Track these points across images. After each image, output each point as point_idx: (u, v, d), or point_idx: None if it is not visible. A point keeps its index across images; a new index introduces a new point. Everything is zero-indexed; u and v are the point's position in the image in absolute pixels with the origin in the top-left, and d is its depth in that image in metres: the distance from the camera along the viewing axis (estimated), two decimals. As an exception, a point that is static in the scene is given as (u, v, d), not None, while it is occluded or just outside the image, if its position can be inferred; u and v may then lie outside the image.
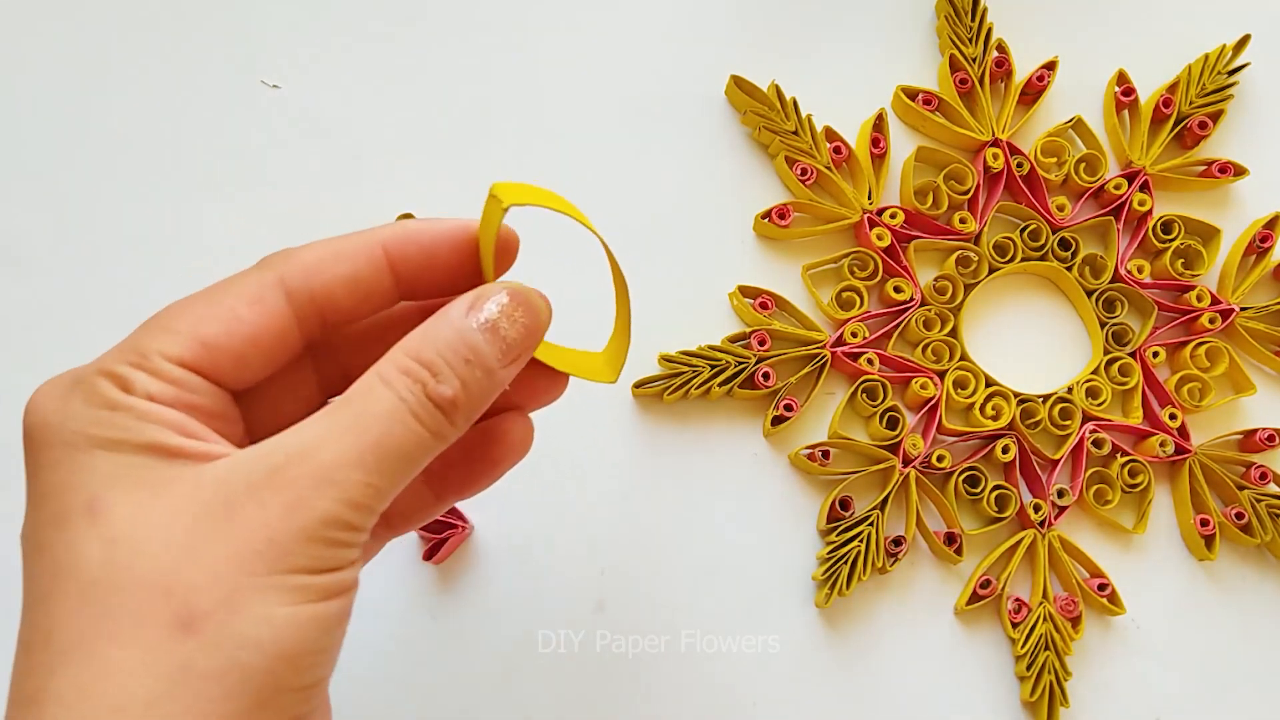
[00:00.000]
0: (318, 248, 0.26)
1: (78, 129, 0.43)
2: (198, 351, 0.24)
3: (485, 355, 0.25)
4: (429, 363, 0.24)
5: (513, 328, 0.26)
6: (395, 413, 0.23)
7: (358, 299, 0.26)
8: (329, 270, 0.25)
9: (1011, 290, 0.45)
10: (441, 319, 0.25)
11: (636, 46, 0.45)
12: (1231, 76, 0.46)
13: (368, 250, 0.26)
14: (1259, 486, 0.42)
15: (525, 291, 0.26)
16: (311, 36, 0.45)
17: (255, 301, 0.25)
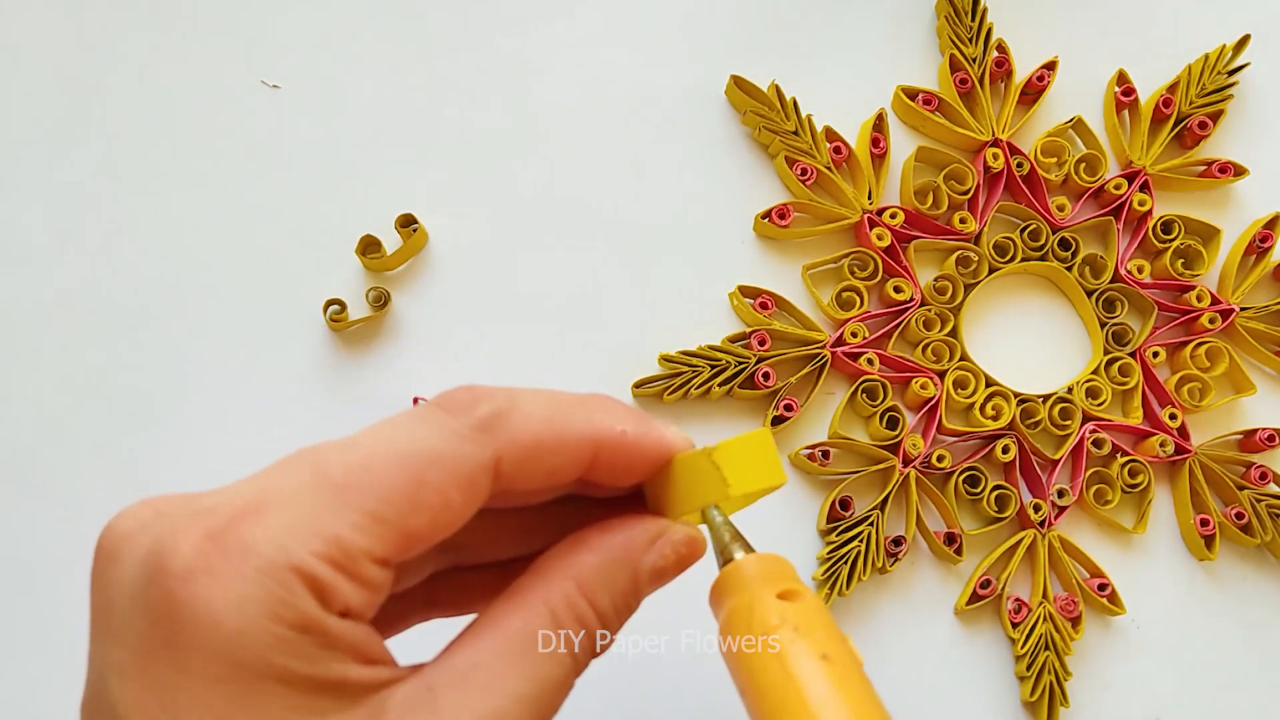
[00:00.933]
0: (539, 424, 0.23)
1: (78, 129, 0.43)
2: (401, 548, 0.21)
3: (642, 598, 0.24)
4: (604, 615, 0.23)
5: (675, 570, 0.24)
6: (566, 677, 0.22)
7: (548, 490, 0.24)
8: (544, 462, 0.23)
9: (1011, 290, 0.45)
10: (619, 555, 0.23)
11: (636, 46, 0.45)
12: (1231, 76, 0.46)
13: (582, 449, 0.23)
14: (1259, 486, 0.42)
15: (699, 542, 0.25)
16: (311, 36, 0.45)
17: (470, 488, 0.22)
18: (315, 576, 0.19)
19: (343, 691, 0.20)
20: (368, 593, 0.20)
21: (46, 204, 0.43)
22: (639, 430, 0.24)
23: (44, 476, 0.40)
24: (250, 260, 0.42)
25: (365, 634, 0.21)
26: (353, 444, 0.21)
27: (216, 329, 0.42)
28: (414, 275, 0.43)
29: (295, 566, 0.19)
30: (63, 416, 0.41)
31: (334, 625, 0.20)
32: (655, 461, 0.25)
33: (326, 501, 0.20)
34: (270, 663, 0.19)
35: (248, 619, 0.19)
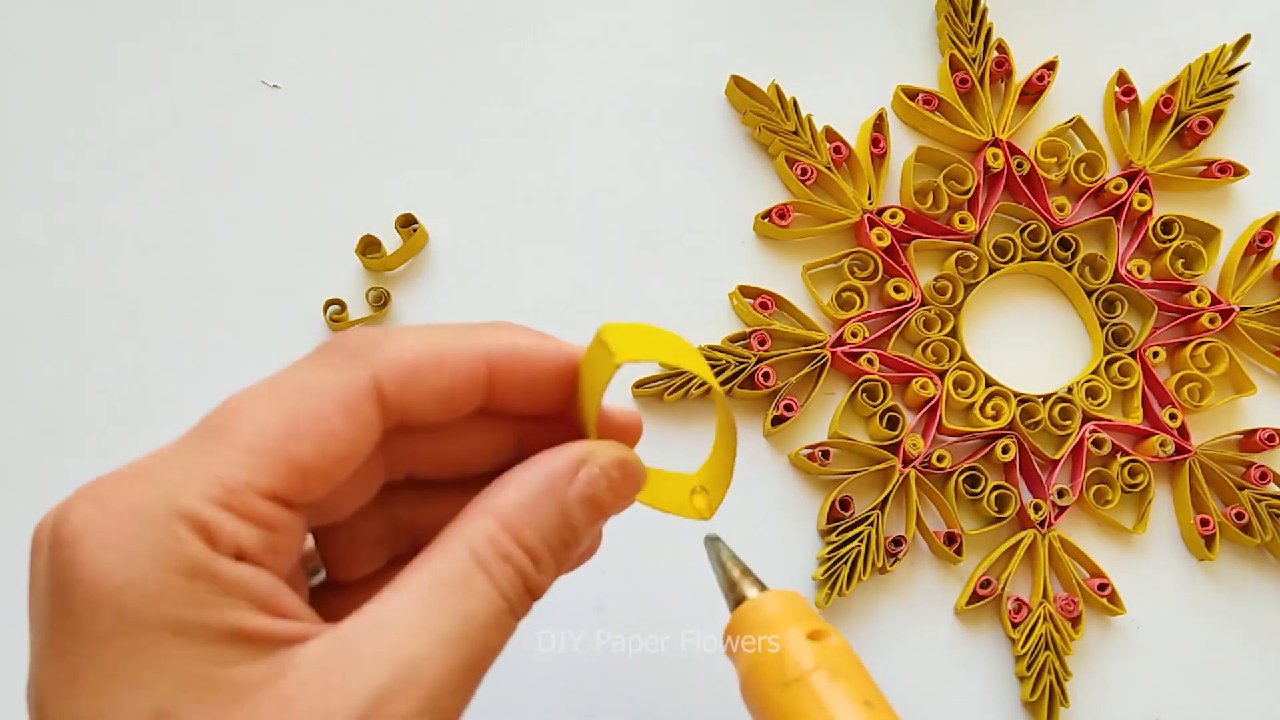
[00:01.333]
0: (415, 345, 0.22)
1: (78, 129, 0.43)
2: (290, 479, 0.20)
3: (580, 534, 0.23)
4: (532, 549, 0.22)
5: (614, 503, 0.23)
6: (498, 618, 0.21)
7: (446, 411, 0.23)
8: (429, 380, 0.22)
9: (1011, 290, 0.45)
10: (542, 487, 0.22)
11: (636, 46, 0.45)
12: (1231, 76, 0.46)
13: (471, 364, 0.23)
14: (1259, 486, 0.42)
15: (633, 462, 0.24)
16: (311, 36, 0.45)
17: (348, 411, 0.21)
18: (198, 517, 0.19)
19: (244, 642, 0.19)
20: (263, 531, 0.20)
21: (46, 204, 0.43)
22: (533, 342, 0.24)
23: (44, 476, 0.40)
24: (250, 260, 0.42)
25: (269, 582, 0.20)
26: (231, 396, 0.21)
27: (216, 329, 0.42)
28: (414, 275, 0.43)
29: (177, 511, 0.19)
30: (62, 416, 0.41)
31: (226, 568, 0.19)
32: (557, 370, 0.24)
33: (205, 446, 0.20)
34: (161, 613, 0.18)
35: (134, 571, 0.18)
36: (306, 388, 0.21)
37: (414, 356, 0.22)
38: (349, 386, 0.21)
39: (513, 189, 0.44)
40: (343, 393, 0.21)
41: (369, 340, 0.22)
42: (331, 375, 0.21)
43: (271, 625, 0.19)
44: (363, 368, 0.21)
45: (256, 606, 0.19)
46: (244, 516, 0.19)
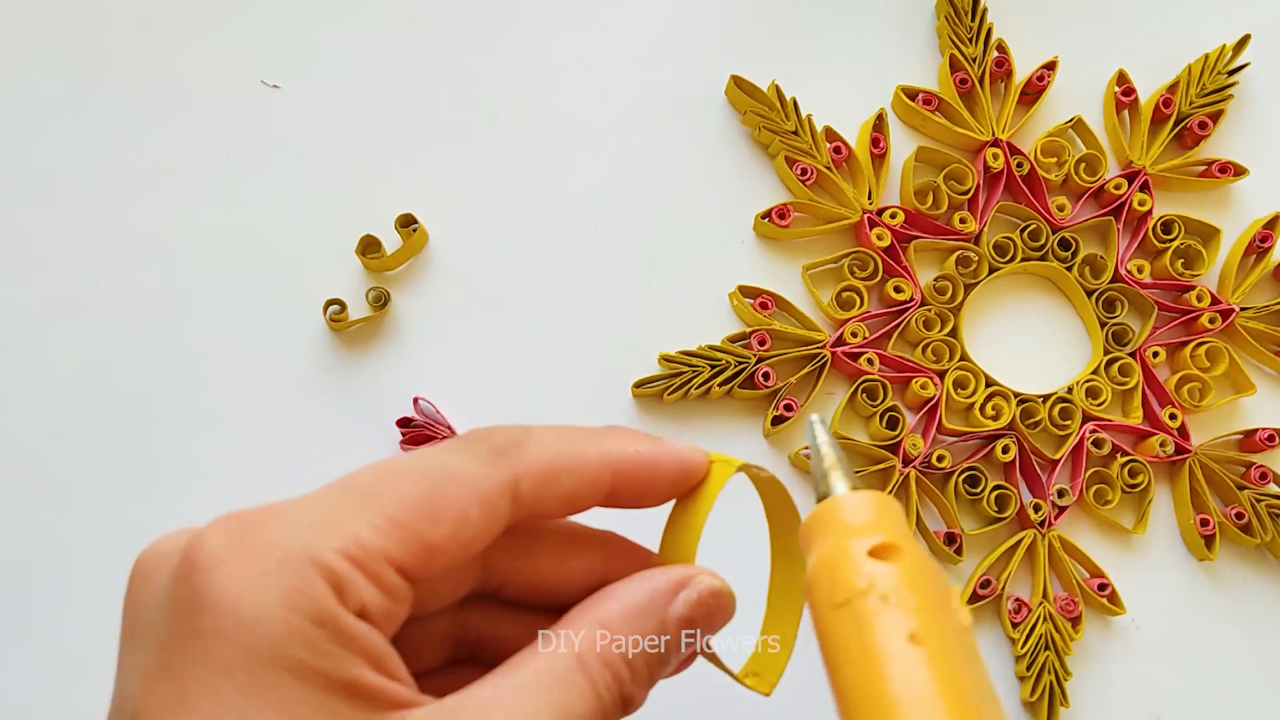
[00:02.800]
0: (552, 449, 0.23)
1: (79, 129, 0.43)
2: (419, 557, 0.21)
3: (673, 655, 0.24)
4: (630, 662, 0.23)
5: (704, 620, 0.24)
6: (591, 716, 0.22)
7: (566, 510, 0.24)
8: (562, 483, 0.23)
9: (1011, 290, 0.45)
10: (646, 604, 0.23)
11: (636, 46, 0.45)
12: (1231, 76, 0.46)
13: (598, 472, 0.24)
14: (1259, 486, 0.42)
15: (728, 593, 0.25)
16: (311, 36, 0.45)
17: (486, 505, 0.22)
18: (332, 569, 0.20)
19: (358, 697, 0.20)
20: (385, 598, 0.21)
21: (46, 204, 0.43)
22: (652, 449, 0.25)
23: (44, 476, 0.40)
24: (250, 260, 0.42)
25: (383, 644, 0.20)
26: (378, 463, 0.22)
27: (216, 329, 0.42)
28: (414, 275, 0.43)
29: (313, 559, 0.20)
30: (62, 416, 0.41)
31: (350, 623, 0.20)
32: (673, 476, 0.25)
33: (349, 505, 0.21)
34: (285, 653, 0.19)
35: (264, 607, 0.19)
36: (451, 473, 0.22)
37: (551, 460, 0.23)
38: (491, 481, 0.22)
39: (513, 189, 0.44)
40: (484, 486, 0.22)
41: (513, 438, 0.23)
42: (476, 467, 0.22)
43: (385, 685, 0.20)
44: (506, 466, 0.23)
45: (372, 665, 0.20)
46: (372, 578, 0.20)
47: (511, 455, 0.23)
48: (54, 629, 0.39)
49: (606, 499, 0.25)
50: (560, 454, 0.23)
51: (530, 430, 0.24)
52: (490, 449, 0.23)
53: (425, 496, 0.21)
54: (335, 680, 0.19)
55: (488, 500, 0.22)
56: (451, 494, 0.22)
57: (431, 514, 0.21)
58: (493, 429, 0.24)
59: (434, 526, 0.21)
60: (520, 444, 0.23)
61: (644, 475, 0.25)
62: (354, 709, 0.20)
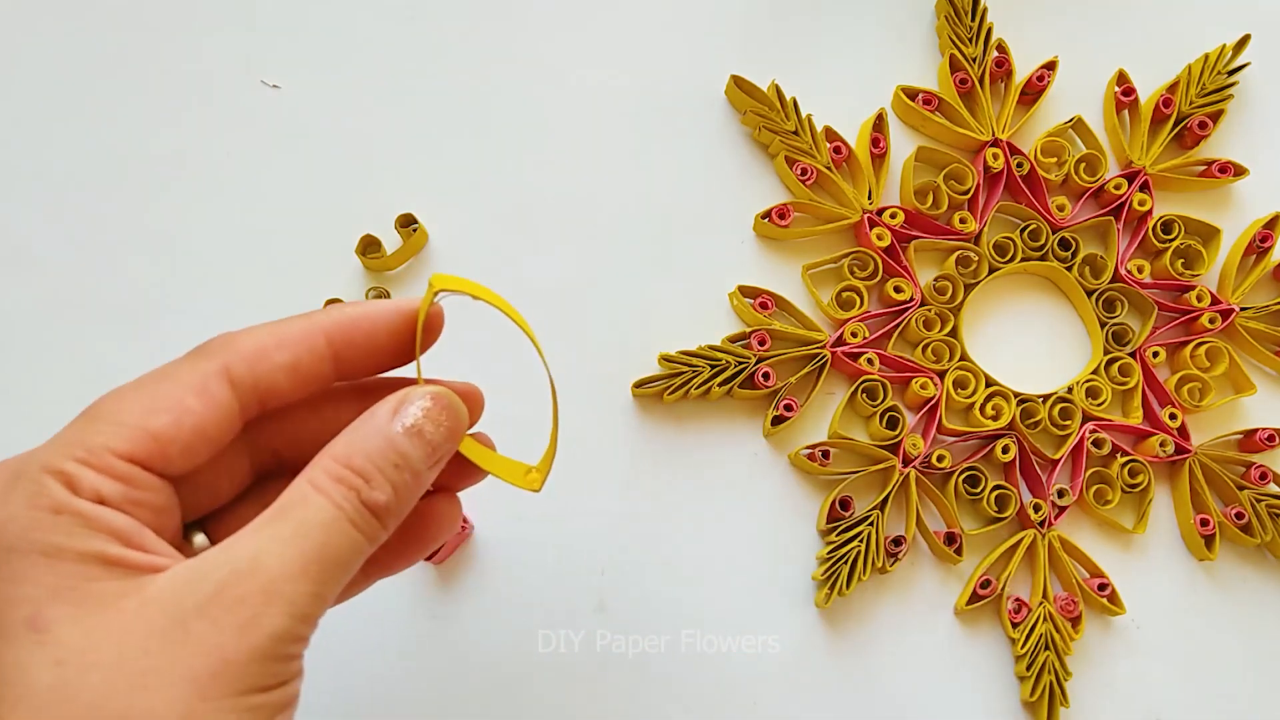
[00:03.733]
0: (259, 334, 0.26)
1: (79, 129, 0.43)
2: (147, 445, 0.24)
3: (412, 459, 0.25)
4: (361, 470, 0.25)
5: (436, 430, 0.26)
6: (334, 522, 0.24)
7: (298, 384, 0.26)
8: (271, 358, 0.26)
9: (1011, 290, 0.45)
10: (368, 425, 0.25)
11: (637, 46, 0.45)
12: (1231, 76, 0.46)
13: (309, 338, 0.26)
14: (1259, 486, 0.42)
15: (447, 395, 0.27)
16: (311, 36, 0.45)
17: (201, 391, 0.25)
18: (64, 471, 0.23)
19: (108, 564, 0.22)
20: (120, 484, 0.23)
21: (46, 204, 0.43)
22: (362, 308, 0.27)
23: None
24: (250, 260, 0.42)
25: (129, 523, 0.23)
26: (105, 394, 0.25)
27: (217, 328, 0.42)
28: (414, 275, 0.43)
29: (45, 467, 0.23)
30: (64, 416, 0.41)
31: (87, 508, 0.23)
32: (391, 325, 0.27)
33: (79, 424, 0.24)
34: (33, 540, 0.22)
35: (11, 510, 0.23)
36: (166, 376, 0.25)
37: (258, 341, 0.26)
38: (203, 372, 0.25)
39: (513, 189, 0.44)
40: (197, 378, 0.25)
41: (225, 338, 0.26)
42: (187, 365, 0.25)
43: (132, 555, 0.23)
44: (215, 357, 0.26)
45: (119, 540, 0.23)
46: (101, 470, 0.23)
47: (219, 348, 0.26)
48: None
49: (337, 366, 0.27)
50: (269, 334, 0.26)
51: (247, 328, 0.26)
52: (200, 350, 0.26)
53: (143, 398, 0.24)
54: (83, 554, 0.22)
55: (202, 388, 0.25)
56: (165, 390, 0.25)
57: (149, 410, 0.24)
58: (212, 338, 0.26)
59: (153, 418, 0.24)
60: (231, 339, 0.26)
61: (361, 330, 0.27)
62: (104, 574, 0.22)
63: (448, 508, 0.30)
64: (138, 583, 0.22)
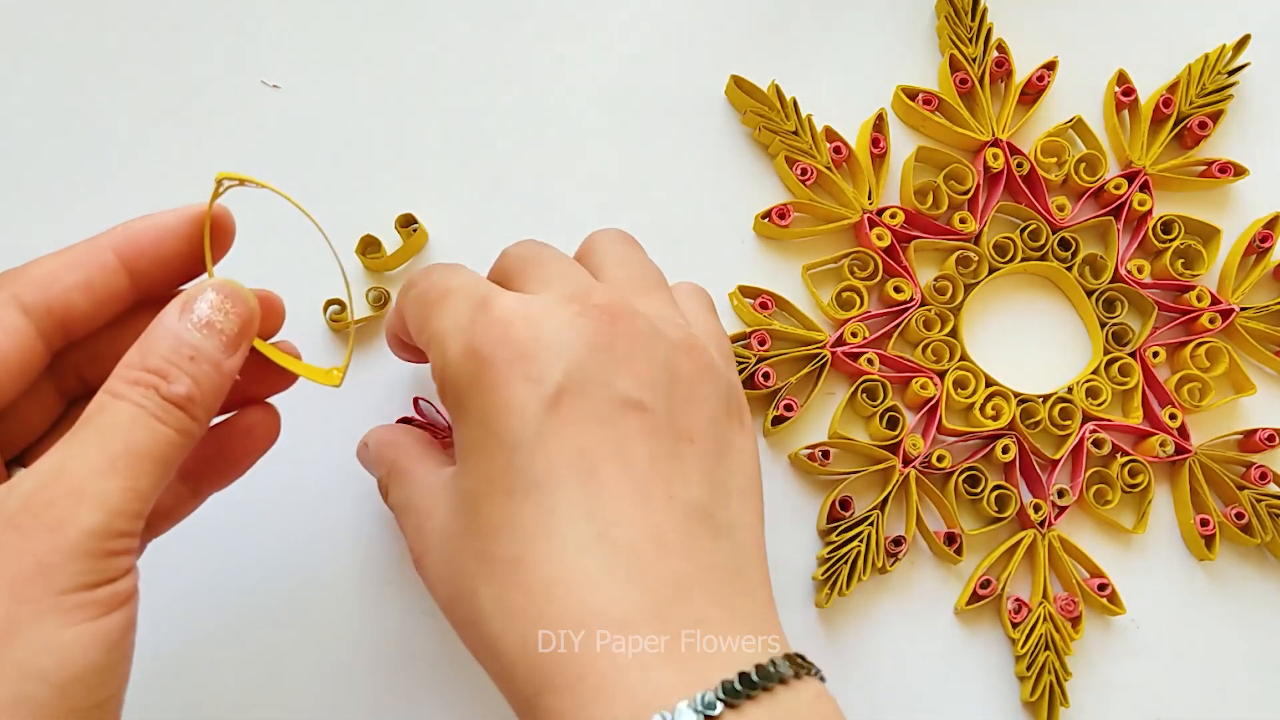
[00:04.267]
0: (47, 261, 0.26)
1: (78, 129, 0.43)
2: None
3: (207, 350, 0.26)
4: (156, 368, 0.25)
5: (228, 320, 0.27)
6: (137, 419, 0.24)
7: (97, 305, 0.26)
8: (62, 281, 0.26)
9: (1011, 290, 0.45)
10: (158, 328, 0.26)
11: (636, 46, 0.45)
12: (1231, 76, 0.46)
13: (97, 256, 0.26)
14: (1259, 486, 0.42)
15: (231, 284, 0.27)
16: (311, 36, 0.45)
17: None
18: None
19: None
20: None
21: (46, 204, 0.43)
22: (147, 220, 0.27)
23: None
24: (250, 260, 0.42)
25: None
26: None
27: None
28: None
29: None
30: (63, 416, 0.41)
31: None
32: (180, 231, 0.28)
33: None
34: None
35: None
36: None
37: (43, 267, 0.26)
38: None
39: (513, 189, 0.44)
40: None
41: (8, 271, 0.26)
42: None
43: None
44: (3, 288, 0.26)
45: None
46: None
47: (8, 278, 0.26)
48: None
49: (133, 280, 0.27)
50: (57, 259, 0.26)
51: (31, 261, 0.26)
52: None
53: None
54: None
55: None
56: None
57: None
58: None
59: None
60: (15, 270, 0.26)
61: (149, 239, 0.27)
62: None
63: (263, 417, 0.31)
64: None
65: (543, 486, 0.26)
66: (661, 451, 0.27)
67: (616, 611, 0.24)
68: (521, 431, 0.26)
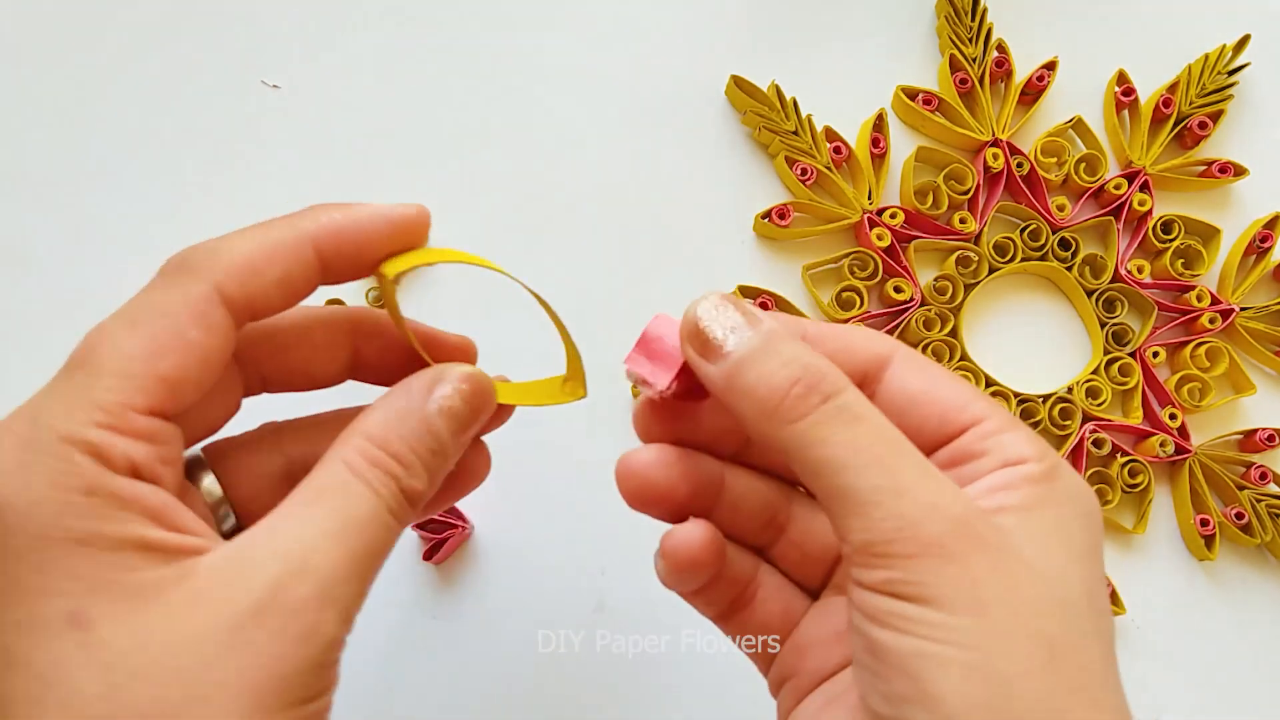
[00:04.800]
0: (245, 246, 0.24)
1: (80, 129, 0.43)
2: (161, 394, 0.22)
3: (446, 443, 0.25)
4: (399, 455, 0.24)
5: (466, 408, 0.25)
6: (376, 514, 0.23)
7: (287, 297, 0.25)
8: (264, 274, 0.24)
9: (1011, 290, 0.45)
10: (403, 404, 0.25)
11: (637, 47, 0.45)
12: (1231, 76, 0.46)
13: (298, 249, 0.25)
14: (1259, 486, 0.42)
15: (478, 376, 0.26)
16: (311, 36, 0.45)
17: (200, 319, 0.23)
18: (88, 440, 0.21)
19: (147, 550, 0.21)
20: (148, 445, 0.22)
21: (46, 204, 0.43)
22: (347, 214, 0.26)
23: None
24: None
25: (163, 499, 0.22)
26: (90, 332, 0.23)
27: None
28: (414, 275, 0.43)
29: (65, 437, 0.21)
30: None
31: (122, 485, 0.21)
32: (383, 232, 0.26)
33: (77, 379, 0.22)
34: (65, 527, 0.20)
35: (35, 494, 0.20)
36: (158, 307, 0.23)
37: (246, 256, 0.24)
38: (197, 298, 0.23)
39: (513, 189, 0.44)
40: (192, 305, 0.23)
41: (204, 251, 0.24)
42: (178, 292, 0.23)
43: (171, 537, 0.21)
44: (204, 279, 0.23)
45: (154, 521, 0.21)
46: (127, 433, 0.21)
47: (206, 266, 0.23)
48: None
49: (325, 275, 0.25)
50: (256, 246, 0.24)
51: (223, 238, 0.24)
52: (184, 271, 0.23)
53: (140, 338, 0.22)
54: (119, 540, 0.21)
55: (199, 314, 0.23)
56: (162, 325, 0.22)
57: (152, 351, 0.22)
58: (185, 250, 0.24)
59: (161, 361, 0.22)
60: (214, 253, 0.24)
61: (350, 239, 0.25)
62: (144, 562, 0.21)
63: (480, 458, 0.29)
64: (178, 570, 0.21)
65: None
66: None
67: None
68: None
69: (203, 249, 0.24)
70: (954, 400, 0.25)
